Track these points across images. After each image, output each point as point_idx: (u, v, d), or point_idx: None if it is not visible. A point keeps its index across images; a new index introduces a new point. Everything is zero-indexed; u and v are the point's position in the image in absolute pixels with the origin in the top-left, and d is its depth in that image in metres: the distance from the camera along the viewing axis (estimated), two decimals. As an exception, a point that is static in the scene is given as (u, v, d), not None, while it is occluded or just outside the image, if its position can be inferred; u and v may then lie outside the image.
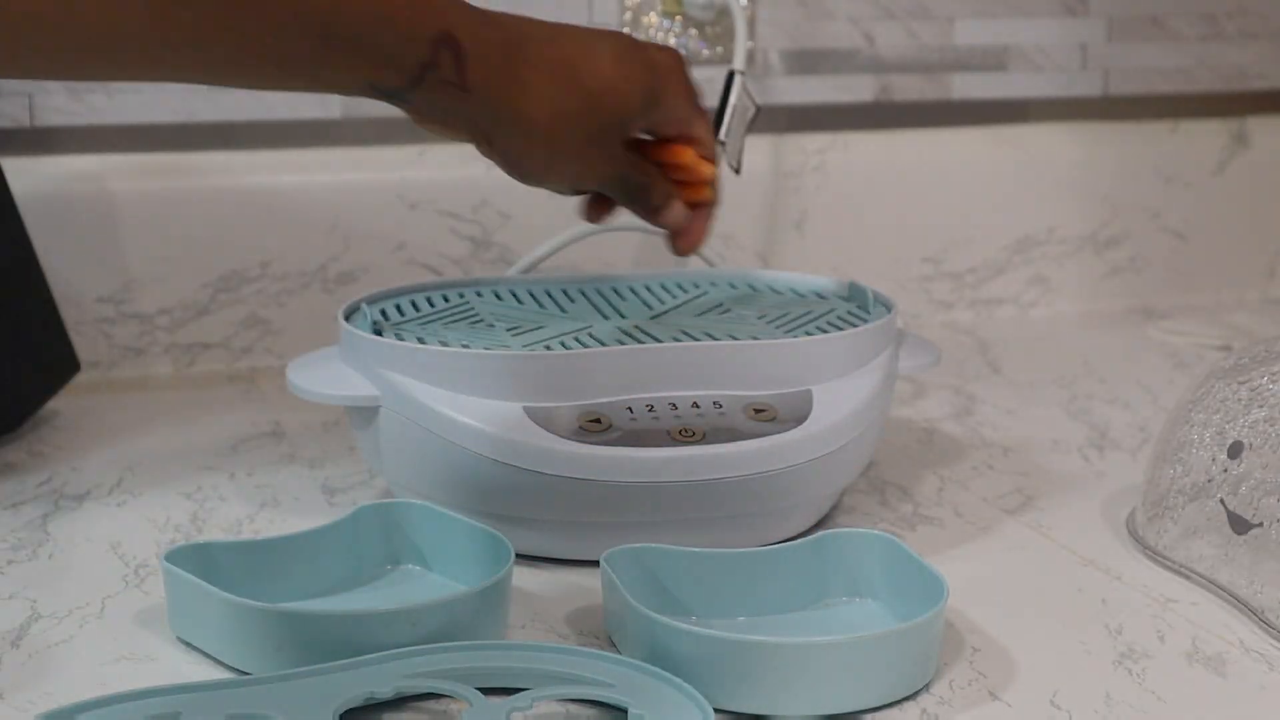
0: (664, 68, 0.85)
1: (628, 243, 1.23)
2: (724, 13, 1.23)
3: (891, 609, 0.78)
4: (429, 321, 0.91)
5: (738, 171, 1.19)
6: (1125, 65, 1.36)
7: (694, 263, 1.20)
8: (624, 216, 0.92)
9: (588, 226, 1.11)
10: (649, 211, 0.87)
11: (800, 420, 0.84)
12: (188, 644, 0.75)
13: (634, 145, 0.86)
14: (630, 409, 0.84)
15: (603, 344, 0.87)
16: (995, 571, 0.85)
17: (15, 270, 1.03)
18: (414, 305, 0.94)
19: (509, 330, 0.89)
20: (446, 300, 0.95)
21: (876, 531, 0.79)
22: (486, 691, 0.69)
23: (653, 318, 0.93)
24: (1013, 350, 1.25)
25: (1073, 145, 1.34)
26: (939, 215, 1.31)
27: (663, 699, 0.67)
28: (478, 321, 0.91)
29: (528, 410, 0.83)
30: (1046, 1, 1.32)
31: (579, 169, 0.82)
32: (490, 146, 0.80)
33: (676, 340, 0.88)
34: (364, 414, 0.87)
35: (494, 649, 0.71)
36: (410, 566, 0.82)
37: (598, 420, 0.83)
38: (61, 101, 1.13)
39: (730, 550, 0.78)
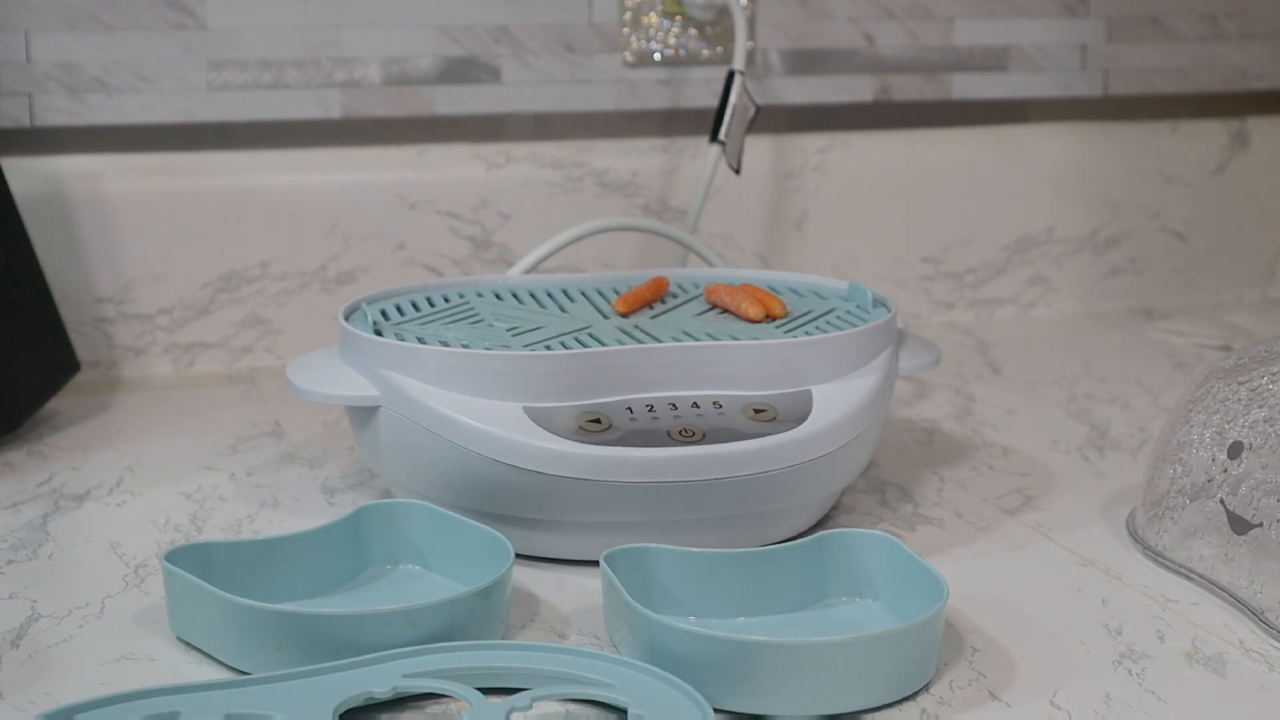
0: None
1: (628, 243, 1.23)
2: (724, 13, 1.23)
3: (891, 609, 0.78)
4: (429, 321, 0.91)
5: (738, 171, 1.19)
6: (1125, 65, 1.36)
7: (694, 262, 1.20)
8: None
9: (588, 226, 1.11)
10: None
11: (800, 420, 0.84)
12: (187, 644, 0.75)
13: None
14: (630, 409, 0.84)
15: (603, 344, 0.87)
16: (995, 571, 0.85)
17: (15, 270, 1.03)
18: (414, 305, 0.94)
19: (509, 330, 0.89)
20: (446, 300, 0.95)
21: (876, 531, 0.79)
22: (486, 691, 0.69)
23: (653, 318, 0.93)
24: (1013, 350, 1.25)
25: (1073, 145, 1.34)
26: (939, 215, 1.31)
27: (663, 699, 0.67)
28: (478, 321, 0.91)
29: (528, 410, 0.83)
30: (1046, 1, 1.32)
31: None
32: None
33: (676, 340, 0.88)
34: (364, 414, 0.87)
35: (494, 649, 0.71)
36: (410, 566, 0.82)
37: (598, 420, 0.83)
38: (61, 101, 1.13)
39: (730, 550, 0.78)
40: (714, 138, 1.17)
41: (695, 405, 0.85)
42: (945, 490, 0.96)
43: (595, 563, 0.76)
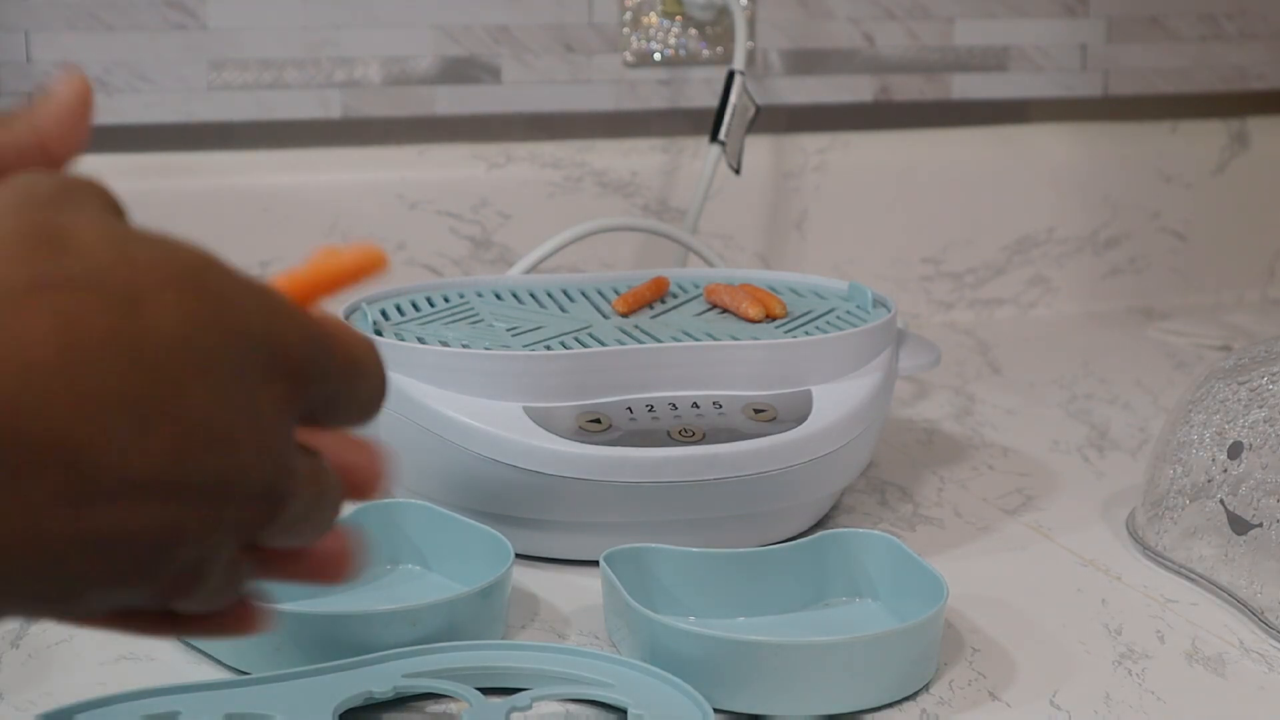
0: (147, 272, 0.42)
1: (628, 243, 1.23)
2: (724, 13, 1.23)
3: (891, 609, 0.78)
4: (429, 321, 0.91)
5: (737, 171, 1.19)
6: (1125, 65, 1.36)
7: (694, 262, 1.20)
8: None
9: (588, 226, 1.11)
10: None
11: (800, 420, 0.84)
12: (187, 644, 0.75)
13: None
14: (630, 409, 0.84)
15: (603, 344, 0.87)
16: (995, 571, 0.85)
17: (15, 270, 1.03)
18: (414, 305, 0.94)
19: (509, 330, 0.89)
20: (446, 300, 0.95)
21: (876, 531, 0.79)
22: (486, 691, 0.69)
23: (653, 318, 0.93)
24: (1013, 350, 1.25)
25: (1073, 145, 1.34)
26: (939, 215, 1.31)
27: (663, 699, 0.67)
28: (478, 321, 0.91)
29: (528, 410, 0.83)
30: (1046, 1, 1.32)
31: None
32: None
33: (676, 340, 0.88)
34: (364, 414, 0.87)
35: (494, 649, 0.71)
36: (410, 566, 0.82)
37: (598, 420, 0.83)
38: (61, 101, 1.13)
39: (730, 550, 0.78)
40: (714, 138, 1.17)
41: (695, 405, 0.85)
42: (945, 490, 0.96)
43: (595, 563, 0.76)
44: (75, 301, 0.39)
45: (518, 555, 0.77)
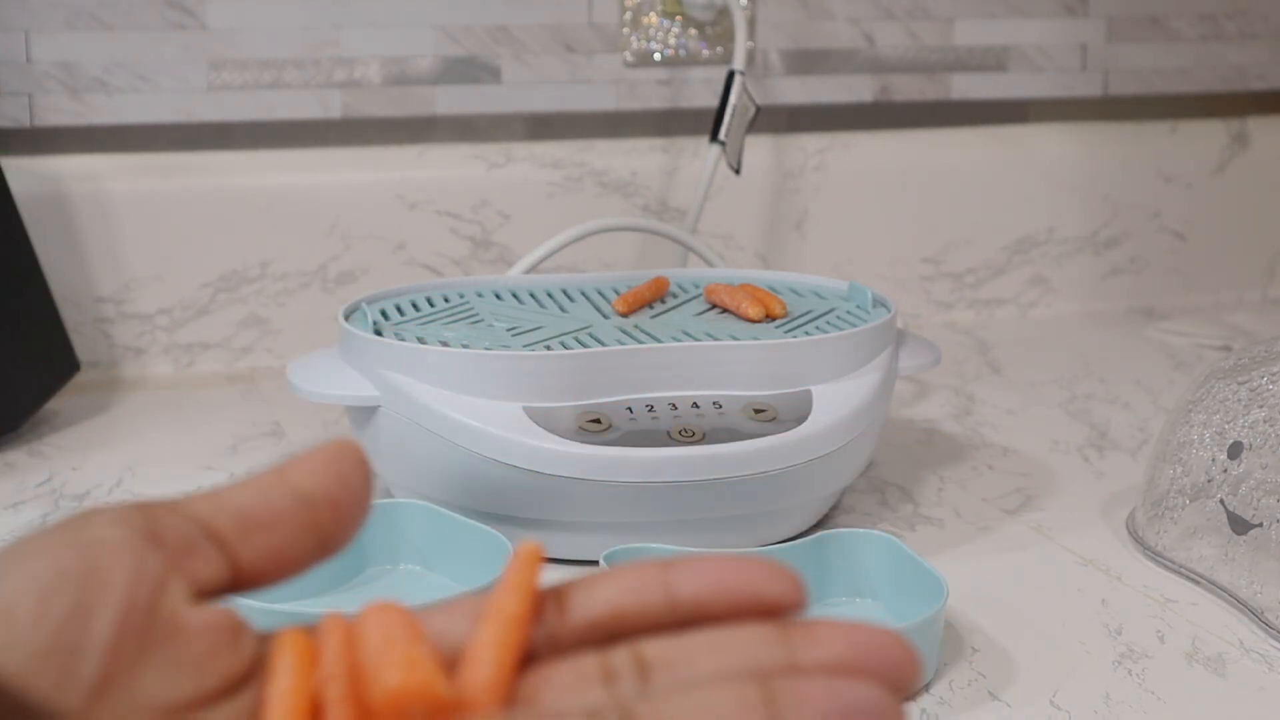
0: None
1: (628, 243, 1.23)
2: (724, 13, 1.23)
3: (891, 609, 0.78)
4: (429, 321, 0.91)
5: (737, 171, 1.19)
6: (1125, 65, 1.36)
7: (694, 262, 1.20)
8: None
9: (588, 226, 1.11)
10: None
11: (800, 420, 0.84)
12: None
13: None
14: (630, 409, 0.84)
15: (603, 344, 0.87)
16: (995, 571, 0.85)
17: (15, 270, 1.03)
18: (414, 305, 0.94)
19: (509, 330, 0.89)
20: (446, 300, 0.95)
21: (876, 531, 0.79)
22: (486, 691, 0.68)
23: (653, 318, 0.93)
24: (1013, 350, 1.25)
25: (1073, 145, 1.34)
26: (939, 215, 1.31)
27: (663, 699, 0.67)
28: (478, 321, 0.91)
29: (528, 410, 0.83)
30: (1046, 1, 1.32)
31: None
32: None
33: (676, 340, 0.88)
34: (364, 414, 0.87)
35: (494, 649, 0.71)
36: (410, 566, 0.82)
37: (598, 420, 0.83)
38: (61, 101, 1.13)
39: (730, 550, 0.78)
40: (714, 138, 1.18)
41: (695, 405, 0.85)
42: (945, 490, 0.96)
43: (595, 563, 0.76)
44: None
45: (518, 555, 0.77)
